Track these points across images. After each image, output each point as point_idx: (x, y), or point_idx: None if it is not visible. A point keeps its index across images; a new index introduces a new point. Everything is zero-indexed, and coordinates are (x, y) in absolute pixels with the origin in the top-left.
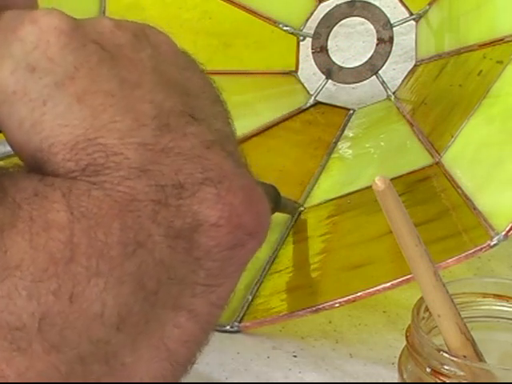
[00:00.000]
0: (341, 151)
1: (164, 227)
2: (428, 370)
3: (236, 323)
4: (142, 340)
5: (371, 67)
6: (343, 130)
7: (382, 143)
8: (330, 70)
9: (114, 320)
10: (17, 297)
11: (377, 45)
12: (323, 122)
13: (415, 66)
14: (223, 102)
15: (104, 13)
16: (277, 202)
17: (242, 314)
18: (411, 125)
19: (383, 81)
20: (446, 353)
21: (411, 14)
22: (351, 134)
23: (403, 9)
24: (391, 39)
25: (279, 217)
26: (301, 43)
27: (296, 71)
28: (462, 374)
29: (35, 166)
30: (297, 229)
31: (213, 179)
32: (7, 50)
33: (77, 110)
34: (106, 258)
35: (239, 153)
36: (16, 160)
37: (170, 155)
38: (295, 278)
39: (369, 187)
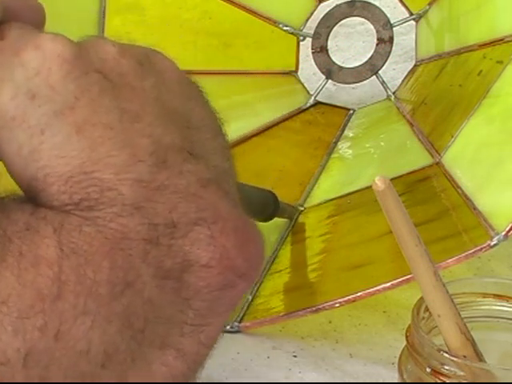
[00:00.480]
0: (341, 151)
1: (154, 267)
2: (428, 369)
3: (236, 323)
4: (128, 377)
5: (371, 67)
6: (343, 130)
7: (382, 143)
8: (330, 70)
9: (100, 358)
10: (2, 332)
11: (377, 45)
12: (323, 122)
13: (415, 65)
14: (224, 135)
15: (104, 12)
16: (275, 207)
17: (242, 314)
18: (411, 125)
19: (383, 81)
20: (446, 353)
21: (411, 14)
22: (351, 134)
23: (403, 9)
24: (391, 39)
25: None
26: (301, 43)
27: (296, 71)
28: (462, 373)
29: (31, 194)
30: (296, 229)
31: (206, 219)
32: (9, 73)
33: (75, 141)
34: (93, 296)
35: (235, 190)
36: (13, 186)
37: (164, 193)
38: (295, 278)
39: (369, 187)
